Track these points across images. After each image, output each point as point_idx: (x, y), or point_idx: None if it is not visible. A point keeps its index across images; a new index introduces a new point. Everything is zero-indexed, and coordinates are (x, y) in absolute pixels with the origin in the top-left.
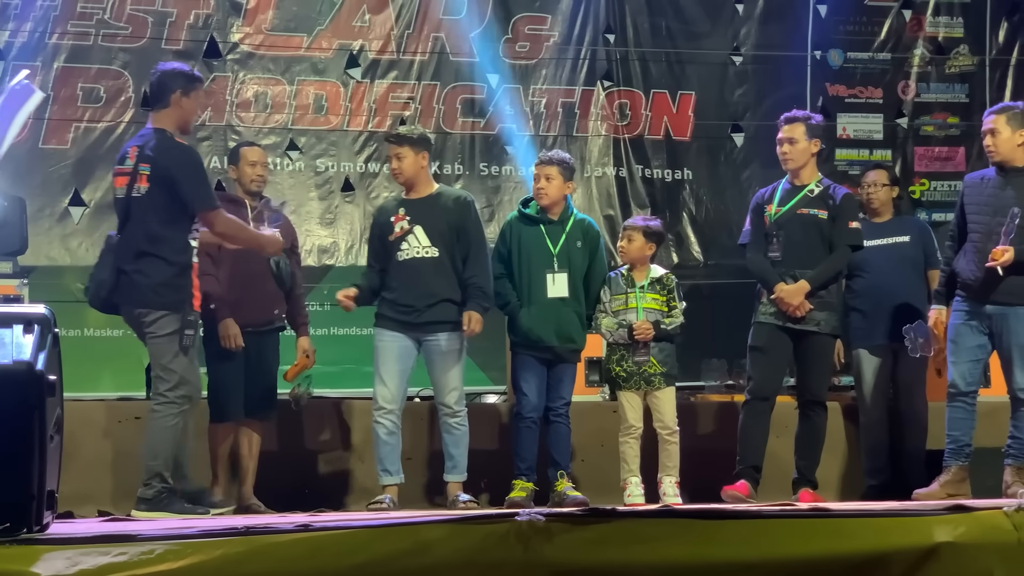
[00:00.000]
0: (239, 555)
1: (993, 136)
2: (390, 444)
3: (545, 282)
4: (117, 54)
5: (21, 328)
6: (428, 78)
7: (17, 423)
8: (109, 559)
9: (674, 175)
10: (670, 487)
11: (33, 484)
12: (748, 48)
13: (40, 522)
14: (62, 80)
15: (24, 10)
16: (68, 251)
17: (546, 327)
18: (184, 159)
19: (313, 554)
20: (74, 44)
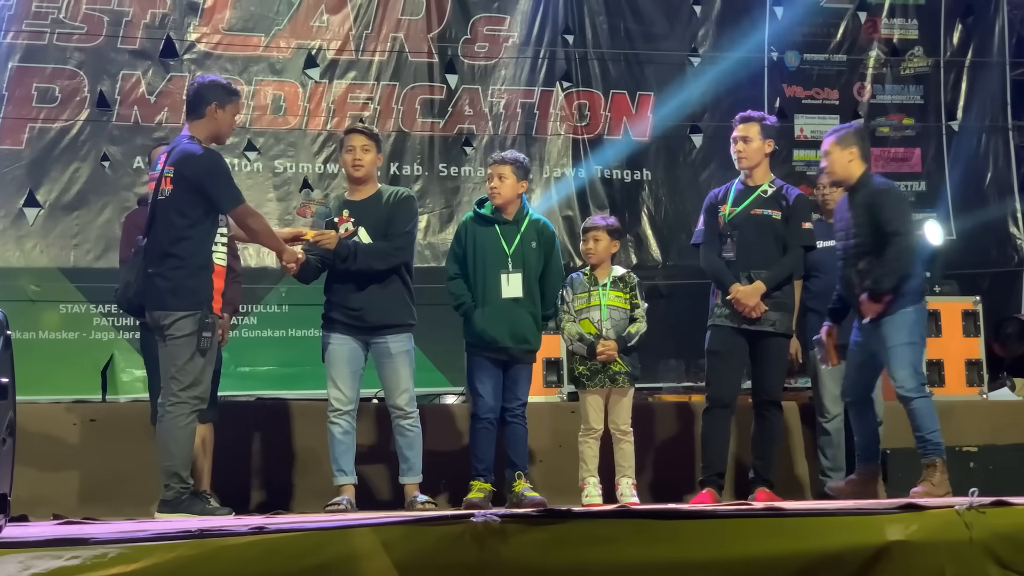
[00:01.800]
0: (193, 558)
1: (828, 158)
2: (345, 443)
3: (499, 282)
4: (72, 53)
5: None
6: (387, 78)
7: None
8: (61, 563)
9: (633, 176)
10: (627, 488)
11: None
12: (706, 49)
13: None
14: (16, 80)
15: None
16: (22, 252)
17: (500, 328)
18: (207, 163)
19: (268, 556)
20: (29, 44)
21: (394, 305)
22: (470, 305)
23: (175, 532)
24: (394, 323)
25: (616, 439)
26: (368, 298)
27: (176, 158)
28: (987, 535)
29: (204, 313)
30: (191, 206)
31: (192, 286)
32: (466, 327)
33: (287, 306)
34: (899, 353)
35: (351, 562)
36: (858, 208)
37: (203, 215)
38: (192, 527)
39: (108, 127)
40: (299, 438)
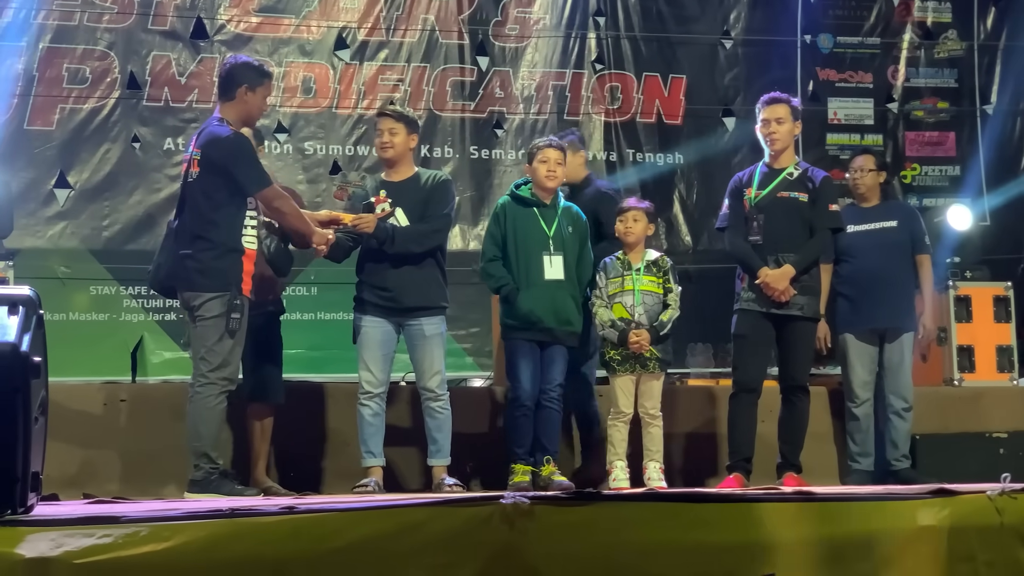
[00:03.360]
0: (223, 536)
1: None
2: (374, 426)
3: (542, 264)
4: (103, 34)
5: (5, 310)
6: (418, 60)
7: (1, 404)
8: (94, 541)
9: (665, 159)
10: (655, 472)
11: (17, 466)
12: (738, 32)
13: (25, 504)
14: (47, 60)
15: None
16: (53, 233)
17: (545, 309)
18: (232, 145)
19: (297, 536)
20: (59, 24)
21: (428, 287)
22: (513, 287)
23: (206, 511)
24: (428, 305)
25: (645, 423)
26: (402, 280)
27: (203, 140)
28: (1018, 520)
29: (233, 295)
30: (218, 188)
31: (221, 268)
32: (507, 309)
33: (316, 288)
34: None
35: (380, 542)
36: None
37: (230, 197)
38: (223, 506)
39: (138, 108)
40: (328, 420)
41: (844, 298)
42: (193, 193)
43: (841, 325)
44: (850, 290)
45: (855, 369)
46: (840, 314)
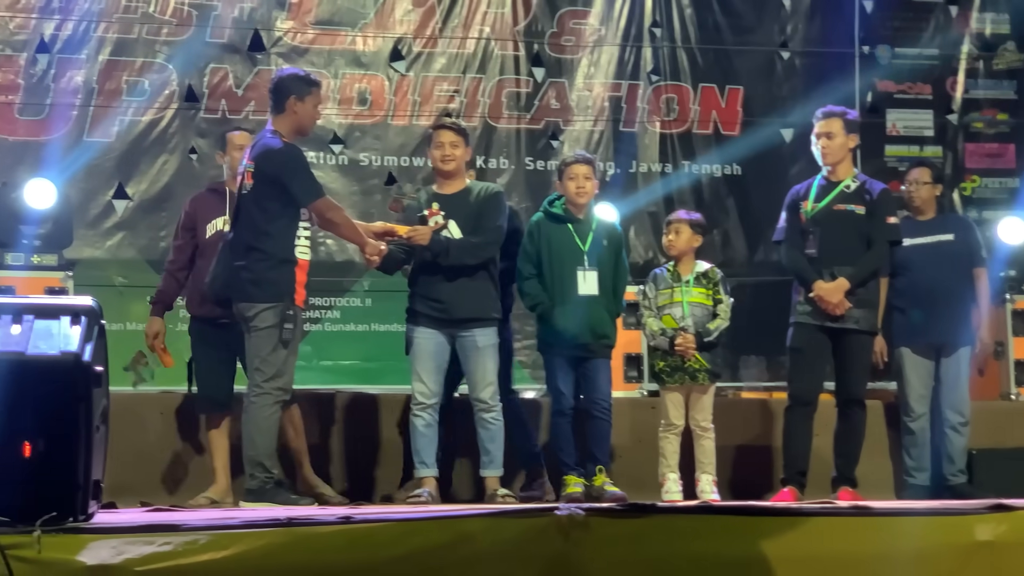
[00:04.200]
0: (281, 546)
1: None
2: (427, 436)
3: (576, 280)
4: (161, 47)
5: (68, 319)
6: (473, 71)
7: (64, 413)
8: (154, 548)
9: (723, 170)
10: (707, 484)
11: (79, 474)
12: (795, 43)
13: (86, 511)
14: (106, 73)
15: (69, 3)
16: (111, 244)
17: (579, 324)
18: (284, 157)
19: (353, 546)
20: (119, 37)
21: (481, 298)
22: (547, 304)
23: (264, 520)
24: (481, 316)
25: (696, 435)
26: (454, 291)
27: (256, 153)
28: None
29: (286, 305)
30: (271, 200)
31: (274, 278)
32: (542, 327)
33: (370, 299)
34: None
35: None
36: None
37: (283, 209)
38: (280, 516)
39: (196, 120)
40: (381, 431)
41: (900, 312)
42: (247, 205)
43: (897, 339)
44: (906, 304)
45: (911, 383)
46: (896, 328)
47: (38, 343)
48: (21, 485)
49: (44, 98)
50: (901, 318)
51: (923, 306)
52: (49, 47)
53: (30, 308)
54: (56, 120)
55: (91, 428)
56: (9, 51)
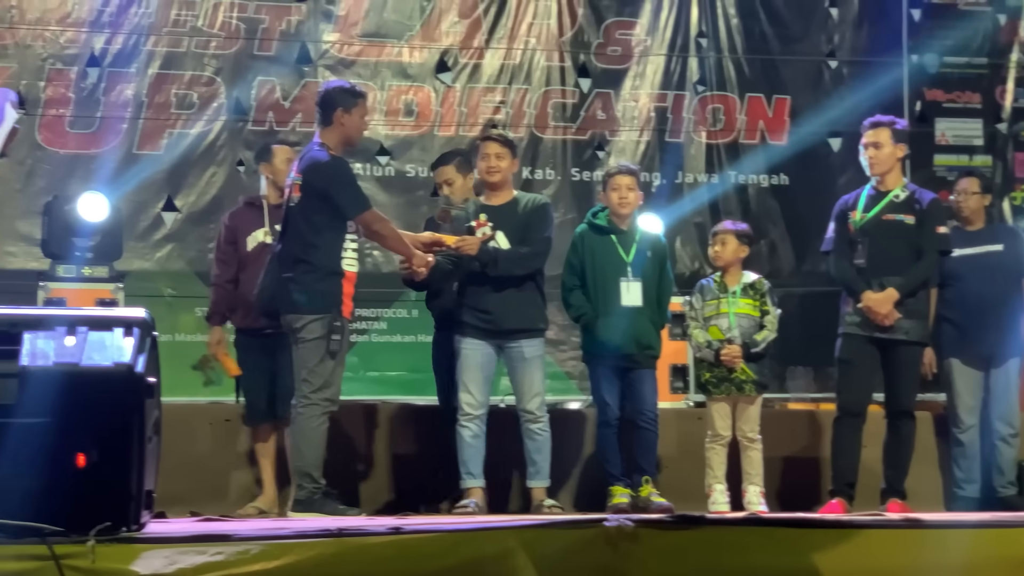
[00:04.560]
0: (332, 556)
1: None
2: (474, 447)
3: (619, 290)
4: (210, 61)
5: (121, 331)
6: (519, 82)
7: (117, 424)
8: (206, 558)
9: (770, 180)
10: (755, 496)
11: (132, 484)
12: (843, 52)
13: (138, 521)
14: (156, 86)
15: (119, 18)
16: (160, 256)
17: (623, 335)
18: (331, 170)
19: (404, 556)
20: (168, 51)
21: (528, 310)
22: (591, 316)
23: (315, 531)
24: (528, 327)
25: (743, 446)
26: (502, 302)
27: (304, 166)
28: None
29: (333, 316)
30: (318, 212)
31: (321, 290)
32: (586, 338)
33: (416, 311)
34: None
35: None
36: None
37: (330, 221)
38: (331, 526)
39: (243, 132)
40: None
41: (949, 323)
42: (294, 217)
43: (946, 350)
44: (955, 314)
45: (960, 394)
46: (945, 339)
47: (92, 354)
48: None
49: (94, 111)
50: (950, 329)
51: (972, 317)
52: (99, 61)
53: (84, 320)
54: (106, 133)
55: (144, 439)
56: (60, 65)
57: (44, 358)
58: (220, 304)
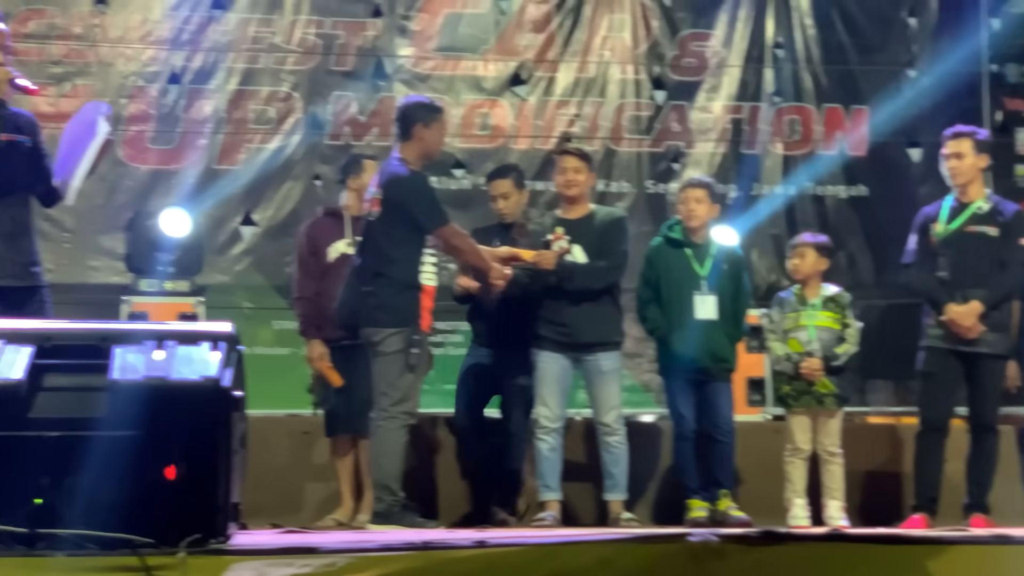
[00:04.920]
0: (417, 569)
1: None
2: (551, 460)
3: (693, 304)
4: (287, 76)
5: (208, 345)
6: (594, 95)
7: (205, 437)
8: (294, 570)
9: (849, 192)
10: (836, 511)
11: (220, 496)
12: (922, 62)
13: (225, 533)
14: (234, 103)
15: (198, 36)
16: (239, 270)
17: (697, 348)
18: (411, 185)
19: (489, 570)
20: (247, 67)
21: (605, 323)
22: (665, 329)
23: (400, 543)
24: (605, 340)
25: (824, 461)
26: (579, 315)
27: (383, 180)
28: None
29: (412, 330)
30: (397, 227)
31: (400, 304)
32: (661, 351)
33: None
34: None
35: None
36: None
37: (409, 235)
38: (415, 539)
39: (320, 147)
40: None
41: None
42: (373, 232)
43: None
44: None
45: None
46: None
47: (180, 368)
48: (164, 507)
49: (175, 128)
50: None
51: None
52: (180, 78)
53: (172, 334)
54: (186, 149)
55: (231, 451)
56: (142, 82)
57: (134, 372)
58: (311, 316)
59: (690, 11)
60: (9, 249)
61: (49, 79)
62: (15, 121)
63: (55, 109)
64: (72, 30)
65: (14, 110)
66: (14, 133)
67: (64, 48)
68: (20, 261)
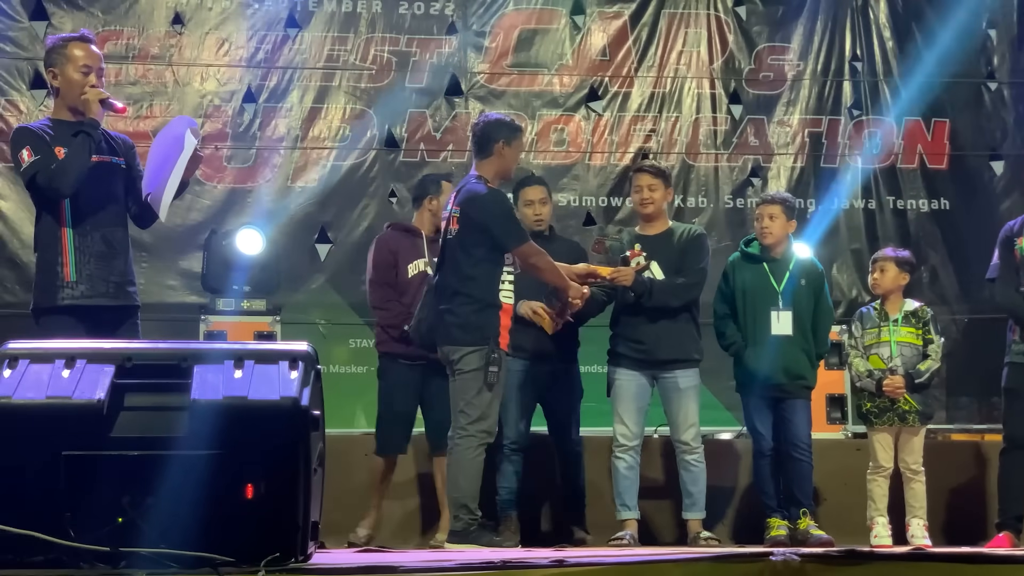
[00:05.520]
0: None
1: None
2: (629, 479)
3: (769, 320)
4: (362, 94)
5: (287, 364)
6: (670, 110)
7: (284, 456)
8: None
9: (930, 205)
10: (918, 529)
11: (299, 515)
12: (1003, 74)
13: (305, 552)
14: (310, 120)
15: (273, 55)
16: (315, 288)
17: (773, 365)
18: (490, 203)
19: None
20: (322, 85)
21: (683, 340)
22: (741, 345)
23: (479, 562)
24: (683, 358)
25: (906, 478)
26: (656, 333)
27: (462, 198)
28: None
29: (491, 348)
30: (476, 245)
31: (479, 322)
32: (738, 368)
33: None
34: None
35: None
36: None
37: (488, 253)
38: (494, 558)
39: (396, 164)
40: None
41: None
42: (452, 249)
43: None
44: None
45: None
46: None
47: (259, 387)
48: (243, 526)
49: (251, 146)
50: None
51: None
52: (255, 97)
53: (251, 353)
54: (262, 167)
55: (310, 470)
56: (218, 101)
57: (213, 391)
58: (399, 317)
59: (766, 24)
60: (102, 269)
61: (126, 100)
62: (110, 143)
63: (132, 129)
64: (149, 50)
65: (110, 133)
66: (109, 155)
67: (141, 69)
68: (115, 281)
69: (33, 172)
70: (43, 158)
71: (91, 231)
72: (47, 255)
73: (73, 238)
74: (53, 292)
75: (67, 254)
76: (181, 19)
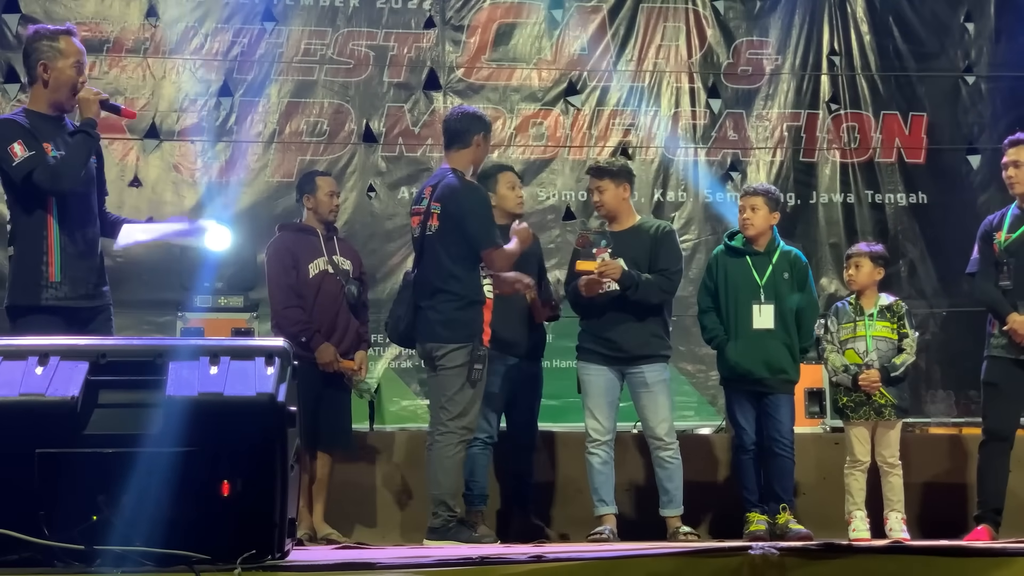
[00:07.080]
0: None
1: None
2: (604, 474)
3: (751, 314)
4: (340, 88)
5: (263, 360)
6: (648, 104)
7: (261, 453)
8: None
9: (908, 199)
10: (896, 523)
11: (276, 512)
12: (980, 68)
13: (282, 549)
14: (287, 115)
15: (251, 49)
16: None
17: (754, 359)
18: (473, 199)
19: None
20: (299, 80)
21: (650, 335)
22: (723, 338)
23: (457, 558)
24: (650, 353)
25: (884, 472)
26: (624, 328)
27: (441, 194)
28: None
29: (475, 345)
30: (458, 242)
31: (464, 319)
32: (720, 361)
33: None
34: None
35: None
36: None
37: (470, 250)
38: (472, 554)
39: (374, 159)
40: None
41: None
42: (432, 246)
43: None
44: None
45: None
46: None
47: (235, 383)
48: (219, 523)
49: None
50: None
51: None
52: (231, 91)
53: (226, 349)
54: (239, 162)
55: (286, 467)
56: (193, 95)
57: (188, 388)
58: (310, 324)
59: (744, 19)
60: (83, 269)
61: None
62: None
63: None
64: (124, 43)
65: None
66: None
67: (115, 62)
68: (92, 281)
69: (29, 168)
70: (38, 154)
71: (75, 230)
72: (30, 253)
73: (60, 238)
74: (35, 291)
75: (53, 254)
76: (155, 11)
